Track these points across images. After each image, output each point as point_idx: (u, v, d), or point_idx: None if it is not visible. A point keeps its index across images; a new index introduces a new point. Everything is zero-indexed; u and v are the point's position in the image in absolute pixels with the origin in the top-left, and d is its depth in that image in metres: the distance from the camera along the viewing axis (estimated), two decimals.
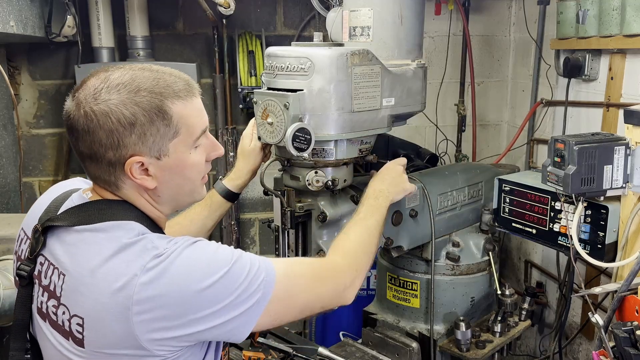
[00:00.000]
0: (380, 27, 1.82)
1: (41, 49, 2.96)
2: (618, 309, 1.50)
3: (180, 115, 1.17)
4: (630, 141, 1.72)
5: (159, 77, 1.18)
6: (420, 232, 1.98)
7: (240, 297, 1.16)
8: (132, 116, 1.12)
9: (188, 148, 1.21)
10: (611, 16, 2.21)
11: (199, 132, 1.22)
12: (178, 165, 1.21)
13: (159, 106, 1.14)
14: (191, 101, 1.20)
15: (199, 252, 1.17)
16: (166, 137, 1.17)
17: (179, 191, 1.27)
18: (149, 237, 1.15)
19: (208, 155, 1.29)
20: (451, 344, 2.04)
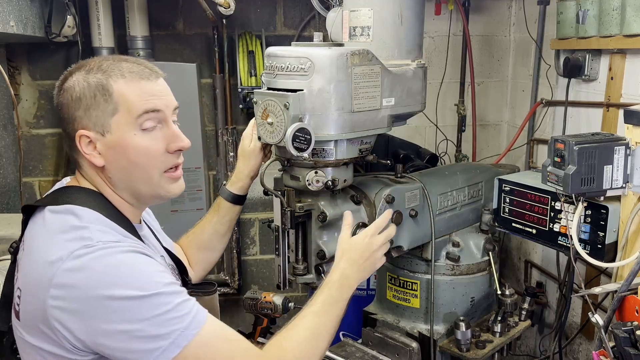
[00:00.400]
0: (380, 27, 1.82)
1: (41, 49, 2.96)
2: (618, 309, 1.50)
3: (121, 93, 1.24)
4: (630, 141, 1.72)
5: (118, 60, 1.28)
6: (420, 232, 1.98)
7: (147, 330, 1.12)
8: (80, 92, 1.23)
9: (131, 128, 1.25)
10: (611, 16, 2.21)
11: (140, 112, 1.25)
12: (120, 143, 1.25)
13: (102, 83, 1.23)
14: (137, 82, 1.26)
15: (131, 261, 1.16)
16: (107, 113, 1.23)
17: (129, 176, 1.28)
18: (92, 227, 1.18)
19: (168, 145, 1.29)
20: (451, 344, 2.04)
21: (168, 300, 1.15)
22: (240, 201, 1.80)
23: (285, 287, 1.75)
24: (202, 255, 1.82)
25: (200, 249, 1.82)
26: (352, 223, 1.61)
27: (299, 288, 3.47)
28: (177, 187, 1.35)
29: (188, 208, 3.10)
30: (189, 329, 1.15)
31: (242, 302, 1.84)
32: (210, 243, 1.81)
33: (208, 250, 1.82)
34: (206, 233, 1.81)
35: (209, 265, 1.86)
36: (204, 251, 1.82)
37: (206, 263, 1.84)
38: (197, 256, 1.82)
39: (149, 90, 1.27)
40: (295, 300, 2.79)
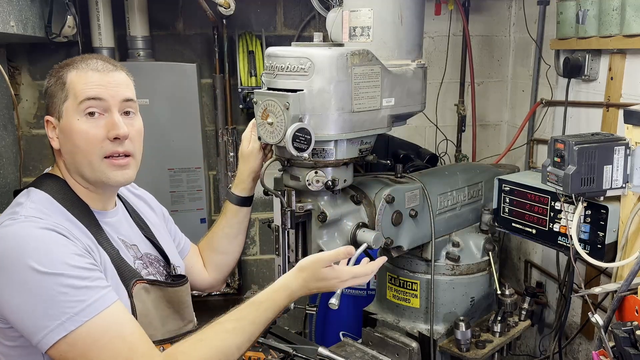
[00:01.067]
0: (380, 27, 1.82)
1: (41, 49, 2.96)
2: (618, 309, 1.50)
3: (71, 82, 1.37)
4: (630, 141, 1.72)
5: (88, 57, 1.42)
6: (420, 232, 1.99)
7: (39, 307, 1.18)
8: (47, 84, 1.41)
9: (75, 113, 1.36)
10: (611, 16, 2.21)
11: (82, 98, 1.35)
12: (67, 128, 1.37)
13: (61, 75, 1.39)
14: (90, 74, 1.38)
15: (43, 237, 1.23)
16: (61, 100, 1.37)
17: (74, 159, 1.38)
18: (28, 205, 1.30)
19: (108, 132, 1.37)
20: (451, 344, 2.04)
21: (68, 282, 1.20)
22: (246, 203, 1.81)
23: None
24: (215, 258, 1.85)
25: (212, 251, 1.86)
26: (342, 255, 1.48)
27: None
28: (120, 175, 1.41)
29: (188, 208, 3.10)
30: (80, 315, 1.19)
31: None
32: (221, 246, 1.84)
33: (221, 253, 1.85)
34: (216, 236, 1.84)
35: (224, 268, 1.88)
36: (216, 254, 1.85)
37: (220, 266, 1.86)
38: (211, 259, 1.86)
39: (95, 80, 1.38)
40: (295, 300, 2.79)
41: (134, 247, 1.49)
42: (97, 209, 1.44)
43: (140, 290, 1.39)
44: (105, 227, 1.42)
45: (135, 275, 1.40)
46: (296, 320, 3.50)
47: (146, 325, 1.38)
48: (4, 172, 2.61)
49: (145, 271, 1.47)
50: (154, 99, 2.92)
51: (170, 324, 1.48)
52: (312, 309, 1.86)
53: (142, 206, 1.67)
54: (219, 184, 3.27)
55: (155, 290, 1.44)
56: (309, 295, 1.58)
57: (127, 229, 1.52)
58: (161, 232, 1.66)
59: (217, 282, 1.88)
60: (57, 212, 1.33)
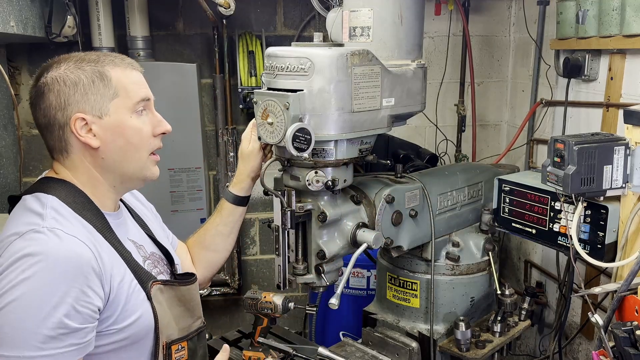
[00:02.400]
0: (380, 27, 1.82)
1: (41, 49, 2.96)
2: (618, 309, 1.50)
3: (119, 79, 1.34)
4: (630, 141, 1.72)
5: (101, 54, 1.38)
6: (420, 232, 1.99)
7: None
8: (76, 78, 1.31)
9: (128, 111, 1.35)
10: (611, 16, 2.21)
11: (138, 99, 1.36)
12: (119, 125, 1.34)
13: (99, 71, 1.33)
14: (130, 71, 1.37)
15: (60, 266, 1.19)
16: (106, 97, 1.32)
17: (122, 155, 1.36)
18: (46, 214, 1.26)
19: (154, 129, 1.40)
20: (451, 343, 2.04)
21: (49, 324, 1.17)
22: (242, 202, 1.81)
23: (285, 287, 1.75)
24: (205, 256, 1.84)
25: (203, 249, 1.84)
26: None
27: (299, 288, 3.47)
28: (157, 170, 1.45)
29: (188, 208, 3.10)
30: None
31: (242, 302, 1.84)
32: (213, 243, 1.82)
33: (212, 250, 1.83)
34: (209, 234, 1.83)
35: (214, 266, 1.87)
36: (207, 251, 1.83)
37: (210, 264, 1.85)
38: (201, 256, 1.84)
39: (139, 80, 1.40)
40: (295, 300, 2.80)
41: (142, 248, 1.49)
42: (107, 211, 1.41)
43: (157, 292, 1.39)
44: (116, 229, 1.40)
45: (150, 277, 1.39)
46: (296, 320, 3.51)
47: (165, 326, 1.40)
48: (4, 172, 2.61)
49: (155, 270, 1.47)
50: (154, 99, 2.91)
51: (182, 322, 1.48)
52: (312, 309, 1.85)
53: (136, 205, 1.66)
54: (219, 184, 3.27)
55: (168, 290, 1.44)
56: (309, 295, 1.58)
57: (134, 229, 1.52)
58: (157, 230, 1.66)
59: (205, 279, 1.87)
60: (75, 221, 1.29)
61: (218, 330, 3.29)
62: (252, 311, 1.82)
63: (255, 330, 1.84)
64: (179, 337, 1.45)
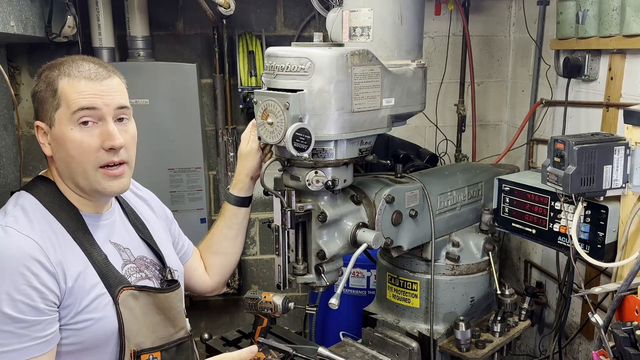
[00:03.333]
0: (380, 27, 1.82)
1: (41, 49, 2.96)
2: (618, 309, 1.50)
3: (63, 90, 1.34)
4: (629, 141, 1.72)
5: (75, 61, 1.38)
6: (420, 232, 1.98)
7: None
8: (37, 88, 1.37)
9: (69, 122, 1.34)
10: (611, 16, 2.21)
11: (75, 108, 1.33)
12: (60, 136, 1.34)
13: (52, 81, 1.35)
14: (82, 82, 1.34)
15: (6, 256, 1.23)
16: (52, 107, 1.35)
17: (68, 168, 1.37)
18: (10, 212, 1.32)
19: (103, 142, 1.35)
20: (451, 343, 2.04)
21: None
22: (244, 203, 1.81)
23: (285, 287, 1.75)
24: (215, 260, 1.84)
25: (212, 253, 1.85)
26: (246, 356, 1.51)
27: (299, 288, 3.47)
28: (116, 185, 1.39)
29: (188, 208, 3.10)
30: None
31: (242, 302, 1.84)
32: (220, 247, 1.83)
33: (221, 254, 1.84)
34: (215, 238, 1.83)
35: (225, 270, 1.87)
36: (216, 256, 1.84)
37: (221, 268, 1.85)
38: (211, 261, 1.85)
39: (88, 89, 1.34)
40: (295, 300, 2.79)
41: (127, 251, 1.47)
42: (89, 212, 1.42)
43: (128, 297, 1.37)
44: (95, 231, 1.41)
45: (121, 282, 1.38)
46: (296, 320, 3.51)
47: (134, 333, 1.37)
48: (4, 172, 2.61)
49: (137, 275, 1.45)
50: (154, 99, 2.92)
51: (160, 331, 1.45)
52: (312, 309, 1.86)
53: (142, 207, 1.65)
54: (219, 184, 3.27)
55: (144, 296, 1.41)
56: (309, 295, 1.58)
57: (122, 231, 1.50)
58: (160, 234, 1.64)
59: (218, 285, 1.87)
60: (43, 220, 1.33)
61: (218, 330, 3.29)
62: (252, 311, 1.82)
63: (255, 330, 1.84)
64: (152, 347, 1.42)
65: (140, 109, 2.80)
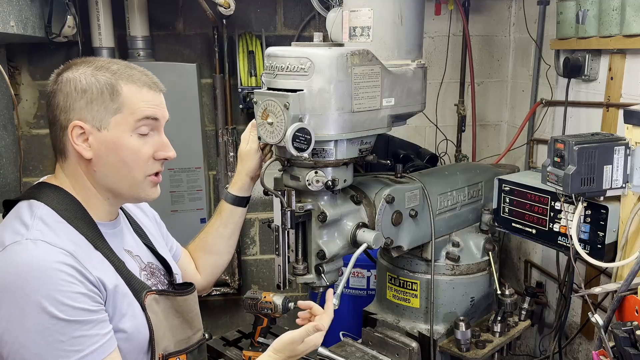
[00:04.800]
0: (380, 27, 1.82)
1: (41, 49, 2.96)
2: (618, 309, 1.50)
3: (127, 96, 1.30)
4: (630, 141, 1.72)
5: (126, 66, 1.34)
6: (420, 232, 1.98)
7: (29, 345, 1.14)
8: (87, 85, 1.29)
9: (128, 129, 1.31)
10: (611, 16, 2.21)
11: (141, 116, 1.31)
12: (115, 142, 1.30)
13: (111, 83, 1.29)
14: (145, 91, 1.33)
15: (51, 270, 1.17)
16: (109, 111, 1.29)
17: (114, 172, 1.33)
18: (34, 225, 1.24)
19: (156, 152, 1.36)
20: (451, 343, 2.04)
21: (67, 328, 1.16)
22: (241, 203, 1.80)
23: (285, 287, 1.75)
24: (208, 259, 1.83)
25: (206, 252, 1.83)
26: (312, 331, 1.54)
27: (299, 288, 3.47)
28: (156, 191, 1.41)
29: (188, 208, 3.10)
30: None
31: (242, 302, 1.84)
32: (215, 246, 1.82)
33: (214, 254, 1.82)
34: (210, 236, 1.82)
35: (216, 269, 1.85)
36: (210, 255, 1.83)
37: (213, 267, 1.84)
38: (204, 260, 1.83)
39: (152, 99, 1.35)
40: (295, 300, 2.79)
41: (138, 258, 1.46)
42: (103, 220, 1.39)
43: (152, 302, 1.36)
44: (111, 240, 1.38)
45: (144, 287, 1.37)
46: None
47: (161, 338, 1.36)
48: (4, 172, 2.61)
49: (150, 282, 1.44)
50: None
51: (179, 334, 1.44)
52: None
53: (137, 213, 1.63)
54: (219, 184, 3.27)
55: (164, 300, 1.40)
56: (309, 295, 1.58)
57: (130, 239, 1.49)
58: (157, 239, 1.63)
59: (209, 284, 1.86)
60: (65, 231, 1.27)
61: (218, 330, 3.29)
62: (252, 311, 1.82)
63: (255, 330, 1.84)
64: (177, 350, 1.41)
65: None
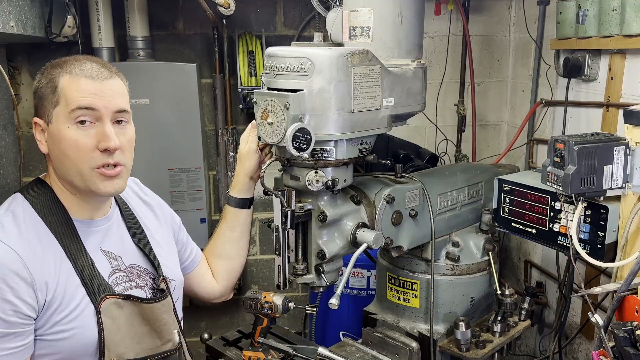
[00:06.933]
0: (380, 27, 1.82)
1: (41, 49, 2.96)
2: (618, 309, 1.50)
3: (63, 87, 1.33)
4: (630, 141, 1.72)
5: (82, 60, 1.38)
6: (420, 232, 1.98)
7: None
8: (40, 83, 1.36)
9: (66, 120, 1.33)
10: (611, 16, 2.21)
11: (74, 106, 1.32)
12: (56, 134, 1.34)
13: (53, 78, 1.34)
14: (82, 81, 1.33)
15: None
16: (51, 104, 1.34)
17: (63, 166, 1.36)
18: (2, 219, 1.31)
19: (98, 143, 1.34)
20: (451, 343, 2.04)
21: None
22: (244, 205, 1.81)
23: (285, 287, 1.75)
24: (221, 265, 1.84)
25: (216, 258, 1.84)
26: None
27: (299, 288, 3.47)
28: (111, 185, 1.38)
29: (188, 208, 3.10)
30: None
31: (242, 302, 1.84)
32: (224, 251, 1.82)
33: (225, 258, 1.83)
34: (219, 241, 1.83)
35: (232, 274, 1.86)
36: (221, 260, 1.83)
37: (228, 272, 1.85)
38: (216, 265, 1.84)
39: (89, 88, 1.33)
40: (295, 300, 2.79)
41: (119, 259, 1.45)
42: (83, 218, 1.41)
43: (111, 306, 1.35)
44: (86, 237, 1.39)
45: (105, 290, 1.36)
46: (296, 320, 3.50)
47: (116, 343, 1.35)
48: (4, 172, 2.61)
49: (126, 284, 1.43)
50: (154, 99, 2.92)
51: (145, 342, 1.42)
52: (312, 309, 1.85)
53: (144, 213, 1.62)
54: (219, 184, 3.27)
55: (129, 305, 1.39)
56: (309, 295, 1.58)
57: (115, 239, 1.48)
58: (159, 242, 1.61)
59: (226, 289, 1.87)
60: (31, 226, 1.32)
61: (218, 330, 3.29)
62: (252, 311, 1.82)
63: (255, 330, 1.84)
64: (136, 358, 1.39)
65: (140, 109, 2.80)
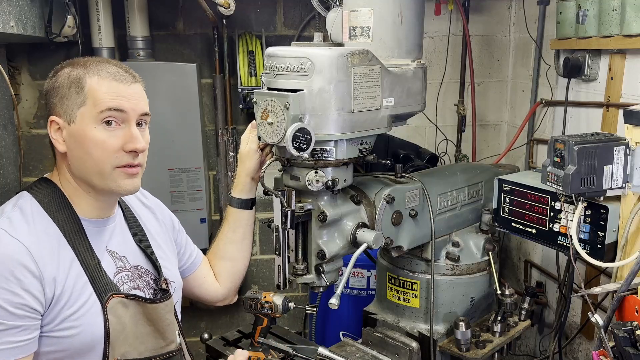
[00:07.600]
0: (380, 27, 1.82)
1: (41, 49, 2.96)
2: (618, 309, 1.50)
3: (91, 88, 1.34)
4: (630, 141, 1.72)
5: (99, 62, 1.40)
6: (420, 232, 1.98)
7: None
8: (61, 82, 1.37)
9: (92, 121, 1.34)
10: (611, 16, 2.21)
11: (103, 107, 1.34)
12: (81, 134, 1.34)
13: (79, 77, 1.35)
14: (110, 82, 1.36)
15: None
16: (76, 104, 1.34)
17: (84, 165, 1.37)
18: (8, 212, 1.32)
19: (125, 144, 1.36)
20: (451, 343, 2.04)
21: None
22: (246, 205, 1.81)
23: (285, 287, 1.75)
24: (223, 266, 1.84)
25: (219, 259, 1.84)
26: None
27: (299, 288, 3.47)
28: (130, 183, 1.40)
29: (188, 208, 3.10)
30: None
31: (242, 302, 1.84)
32: (227, 252, 1.82)
33: (227, 260, 1.83)
34: (221, 242, 1.83)
35: (235, 277, 1.86)
36: (223, 261, 1.83)
37: (230, 274, 1.85)
38: (219, 267, 1.84)
39: (118, 90, 1.37)
40: (295, 300, 2.79)
41: (123, 259, 1.46)
42: (90, 217, 1.41)
43: (117, 305, 1.36)
44: (93, 237, 1.40)
45: (112, 289, 1.36)
46: (296, 320, 3.50)
47: (120, 342, 1.35)
48: (4, 172, 2.61)
49: (131, 284, 1.44)
50: (154, 99, 2.86)
51: (149, 342, 1.43)
52: (312, 309, 1.85)
53: (146, 216, 1.63)
54: (219, 184, 3.27)
55: (134, 305, 1.40)
56: (309, 295, 1.58)
57: (120, 239, 1.49)
58: (161, 244, 1.62)
59: (230, 292, 1.86)
60: (40, 222, 1.32)
61: (218, 330, 3.29)
62: (252, 311, 1.82)
63: (255, 330, 1.84)
64: (139, 358, 1.40)
65: None
